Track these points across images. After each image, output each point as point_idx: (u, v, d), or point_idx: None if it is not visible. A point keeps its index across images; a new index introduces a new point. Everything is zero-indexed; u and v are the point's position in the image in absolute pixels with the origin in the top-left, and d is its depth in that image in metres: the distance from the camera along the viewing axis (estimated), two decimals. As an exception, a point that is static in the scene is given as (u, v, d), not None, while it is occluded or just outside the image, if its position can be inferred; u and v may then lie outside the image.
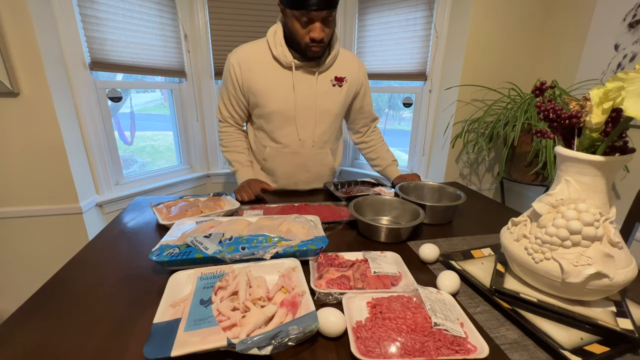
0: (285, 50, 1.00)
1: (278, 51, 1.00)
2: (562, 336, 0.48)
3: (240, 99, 1.09)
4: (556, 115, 0.54)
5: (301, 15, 0.88)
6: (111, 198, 1.70)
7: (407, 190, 1.04)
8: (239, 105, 1.10)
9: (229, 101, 1.10)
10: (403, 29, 1.92)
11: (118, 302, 0.56)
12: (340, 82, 1.08)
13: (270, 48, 1.01)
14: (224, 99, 1.11)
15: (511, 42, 1.80)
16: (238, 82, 1.04)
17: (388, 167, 1.25)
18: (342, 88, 1.10)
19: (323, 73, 1.06)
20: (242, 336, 0.44)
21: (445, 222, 0.92)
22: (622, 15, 1.46)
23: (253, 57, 1.03)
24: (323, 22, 0.91)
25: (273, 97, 1.04)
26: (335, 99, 1.10)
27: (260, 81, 1.03)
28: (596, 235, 0.49)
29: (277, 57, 1.01)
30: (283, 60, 1.01)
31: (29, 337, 0.48)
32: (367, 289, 0.58)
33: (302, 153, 1.12)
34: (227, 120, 1.14)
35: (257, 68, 1.02)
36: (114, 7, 1.55)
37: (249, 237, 0.67)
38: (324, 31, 0.92)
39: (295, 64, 1.01)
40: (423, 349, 0.44)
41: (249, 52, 1.03)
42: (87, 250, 0.74)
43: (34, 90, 1.33)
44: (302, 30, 0.92)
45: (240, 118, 1.15)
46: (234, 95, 1.08)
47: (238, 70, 1.03)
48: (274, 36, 1.00)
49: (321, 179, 1.22)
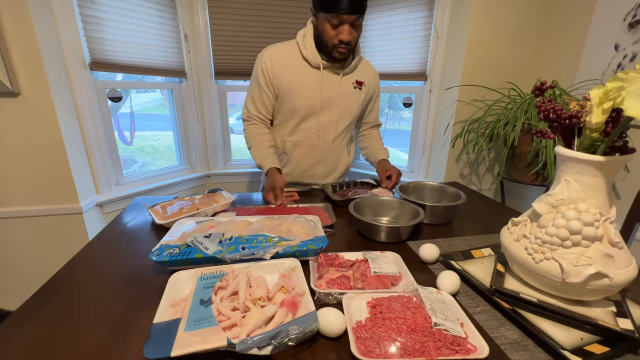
0: (315, 51, 1.07)
1: (308, 52, 1.07)
2: (562, 336, 0.48)
3: (270, 94, 1.12)
4: (556, 115, 0.54)
5: (332, 18, 0.96)
6: (111, 198, 1.70)
7: (407, 190, 1.04)
8: (269, 100, 1.13)
9: (260, 97, 1.13)
10: (403, 29, 1.92)
11: (118, 302, 0.56)
12: (360, 85, 1.16)
13: (300, 49, 1.08)
14: (254, 96, 1.14)
15: (511, 42, 1.80)
16: (270, 76, 1.09)
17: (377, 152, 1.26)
18: (362, 91, 1.17)
19: (347, 75, 1.13)
20: (242, 336, 0.44)
21: (446, 222, 0.92)
22: (622, 15, 1.46)
23: (284, 55, 1.09)
24: (352, 26, 0.98)
25: (301, 92, 1.10)
26: (355, 100, 1.17)
27: (290, 77, 1.09)
28: (596, 235, 0.49)
29: (307, 57, 1.07)
30: (312, 61, 1.07)
31: (29, 337, 0.48)
32: (367, 289, 0.58)
33: (322, 147, 1.18)
34: (253, 119, 1.17)
35: (288, 65, 1.09)
36: (114, 7, 1.54)
37: (249, 237, 0.67)
38: (352, 34, 0.99)
39: (323, 64, 1.08)
40: (423, 349, 0.44)
41: (280, 50, 1.10)
42: (87, 250, 0.74)
43: (34, 90, 1.33)
44: (332, 32, 0.99)
45: (266, 117, 1.17)
46: (265, 91, 1.11)
47: (270, 66, 1.08)
48: (304, 38, 1.08)
49: (336, 173, 1.27)
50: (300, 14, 1.93)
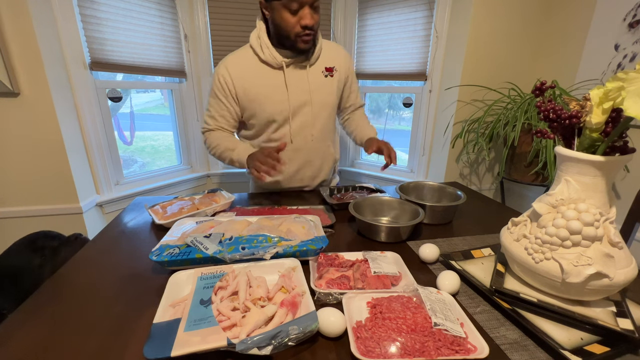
0: (273, 51, 0.99)
1: (266, 54, 0.99)
2: (562, 336, 0.48)
3: (232, 109, 1.06)
4: (556, 115, 0.54)
5: (290, 2, 0.88)
6: (111, 198, 1.70)
7: (407, 190, 1.04)
8: (231, 115, 1.07)
9: (219, 111, 1.06)
10: (403, 29, 1.92)
11: (118, 302, 0.56)
12: (330, 72, 1.08)
13: (257, 53, 1.00)
14: (212, 111, 1.07)
15: (511, 42, 1.80)
16: (230, 91, 1.02)
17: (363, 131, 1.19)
18: (334, 78, 1.10)
19: (313, 65, 1.06)
20: (242, 336, 0.44)
21: (446, 222, 0.92)
22: (622, 15, 1.46)
23: (242, 65, 1.01)
24: (312, 9, 0.91)
25: (268, 101, 1.03)
26: (329, 90, 1.10)
27: (253, 88, 1.02)
28: (596, 235, 0.48)
29: (266, 60, 1.00)
30: (272, 62, 1.00)
31: (29, 337, 0.48)
32: (367, 289, 0.58)
33: (304, 149, 1.12)
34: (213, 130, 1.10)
35: (248, 75, 1.01)
36: (114, 7, 1.55)
37: (249, 237, 0.67)
38: (314, 18, 0.92)
39: (285, 62, 1.01)
40: (423, 349, 0.44)
41: (237, 59, 1.02)
42: (87, 250, 0.74)
43: (34, 90, 1.33)
44: (293, 19, 0.91)
45: (230, 128, 1.11)
46: (227, 106, 1.05)
47: (229, 80, 1.01)
48: (258, 40, 0.99)
49: (324, 171, 1.21)
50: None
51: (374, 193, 1.08)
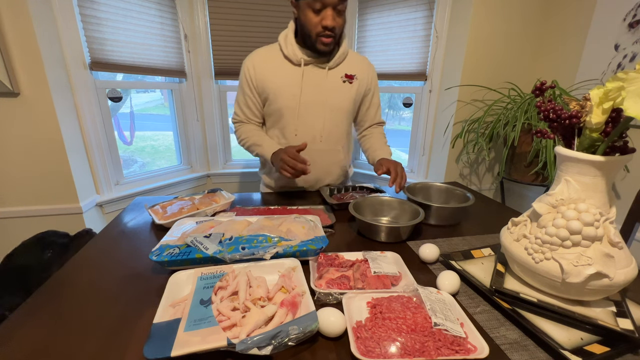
0: (295, 48, 1.04)
1: (288, 50, 1.04)
2: (562, 336, 0.48)
3: (255, 100, 1.12)
4: (556, 115, 0.54)
5: (314, 2, 0.92)
6: (111, 198, 1.70)
7: (414, 191, 1.02)
8: (255, 106, 1.13)
9: (245, 103, 1.13)
10: (403, 29, 1.92)
11: (118, 302, 0.56)
12: (350, 79, 1.10)
13: (282, 49, 1.06)
14: (240, 103, 1.14)
15: (511, 42, 1.80)
16: (253, 83, 1.08)
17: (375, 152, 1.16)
18: (353, 85, 1.11)
19: (333, 69, 1.09)
20: (242, 336, 0.44)
21: (454, 223, 0.91)
22: (622, 15, 1.46)
23: (266, 59, 1.08)
24: (335, 11, 0.94)
25: (282, 93, 1.07)
26: (345, 96, 1.11)
27: (272, 80, 1.07)
28: (596, 235, 0.48)
29: (288, 56, 1.05)
30: (293, 58, 1.05)
31: (29, 337, 0.48)
32: (367, 289, 0.58)
33: (311, 149, 1.09)
34: (242, 121, 1.17)
35: (270, 68, 1.07)
36: (114, 7, 1.55)
37: (249, 237, 0.67)
38: (336, 20, 0.95)
39: (304, 60, 1.04)
40: (423, 349, 0.44)
41: (262, 54, 1.09)
42: (87, 250, 0.74)
43: (34, 90, 1.33)
44: (315, 19, 0.95)
45: (254, 119, 1.16)
46: (250, 97, 1.11)
47: (252, 72, 1.07)
48: (285, 38, 1.05)
49: (331, 176, 1.20)
50: (300, 14, 1.93)
51: (374, 193, 1.08)
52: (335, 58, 1.06)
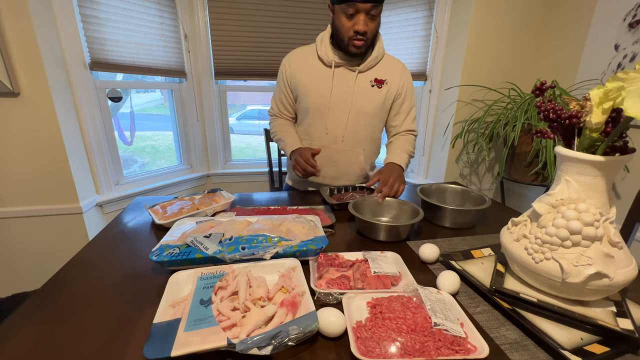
0: (328, 49, 1.08)
1: (322, 51, 1.08)
2: (562, 336, 0.48)
3: (288, 95, 1.18)
4: (556, 115, 0.54)
5: (347, 7, 0.95)
6: (111, 198, 1.70)
7: (429, 193, 1.00)
8: (288, 101, 1.19)
9: (279, 98, 1.20)
10: (403, 29, 1.92)
11: (118, 302, 0.56)
12: (380, 84, 1.11)
13: (317, 49, 1.10)
14: (275, 97, 1.21)
15: (511, 42, 1.80)
16: (287, 79, 1.15)
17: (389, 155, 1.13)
18: (381, 90, 1.12)
19: (363, 73, 1.11)
20: (242, 336, 0.44)
21: (469, 226, 0.90)
22: (622, 15, 1.46)
23: (301, 57, 1.13)
24: (367, 16, 0.97)
25: (312, 92, 1.11)
26: (372, 100, 1.12)
27: (304, 77, 1.12)
28: (596, 235, 0.48)
29: (321, 56, 1.09)
30: (325, 59, 1.08)
31: (29, 337, 0.48)
32: (367, 289, 0.58)
33: (332, 148, 1.15)
34: (276, 115, 1.24)
35: (303, 66, 1.12)
36: (114, 7, 1.55)
37: (249, 237, 0.67)
38: (368, 25, 0.97)
39: (335, 62, 1.08)
40: (423, 349, 0.44)
41: (299, 53, 1.15)
42: (87, 250, 0.74)
43: (34, 90, 1.33)
44: (348, 23, 0.98)
45: (286, 114, 1.22)
46: (284, 92, 1.17)
47: (288, 69, 1.13)
48: (321, 40, 1.10)
49: (349, 177, 1.21)
50: (301, 14, 1.93)
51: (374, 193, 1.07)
52: (367, 62, 1.08)
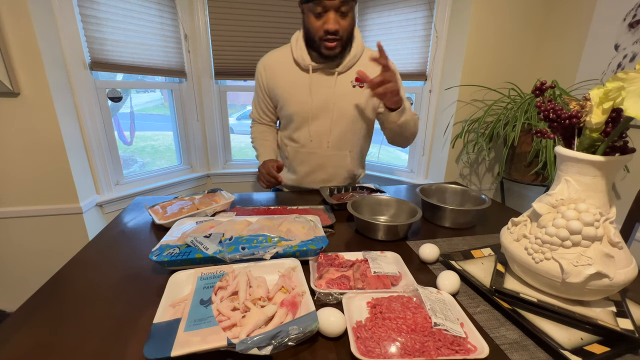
0: (304, 52, 1.02)
1: (297, 54, 1.03)
2: (562, 336, 0.48)
3: (266, 101, 1.14)
4: (556, 115, 0.54)
5: (315, 6, 0.89)
6: (111, 198, 1.70)
7: (429, 193, 0.99)
8: (267, 107, 1.16)
9: (258, 104, 1.17)
10: (403, 29, 1.92)
11: (118, 302, 0.56)
12: (361, 83, 1.05)
13: (292, 52, 1.04)
14: (254, 102, 1.19)
15: (511, 42, 1.80)
16: (264, 85, 1.10)
17: None
18: (364, 89, 1.05)
19: (343, 74, 1.05)
20: (242, 336, 0.44)
21: (469, 226, 0.90)
22: (622, 15, 1.46)
23: (277, 62, 1.08)
24: (338, 14, 0.90)
25: (292, 99, 1.07)
26: (355, 101, 1.07)
27: (281, 84, 1.07)
28: (596, 235, 0.48)
29: (297, 60, 1.03)
30: (301, 63, 1.03)
31: (29, 337, 0.48)
32: (367, 289, 0.58)
33: (318, 153, 1.13)
34: (256, 120, 1.21)
35: (279, 71, 1.07)
36: (114, 7, 1.55)
37: (249, 237, 0.67)
38: (339, 23, 0.91)
39: (312, 66, 1.02)
40: (423, 349, 0.44)
41: (273, 57, 1.09)
42: (87, 250, 0.74)
43: (34, 90, 1.33)
44: (317, 23, 0.92)
45: (269, 119, 1.20)
46: (262, 98, 1.14)
47: (263, 75, 1.09)
48: (296, 41, 1.04)
49: (338, 179, 1.20)
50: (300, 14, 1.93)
51: (374, 193, 1.07)
52: (346, 62, 1.02)
